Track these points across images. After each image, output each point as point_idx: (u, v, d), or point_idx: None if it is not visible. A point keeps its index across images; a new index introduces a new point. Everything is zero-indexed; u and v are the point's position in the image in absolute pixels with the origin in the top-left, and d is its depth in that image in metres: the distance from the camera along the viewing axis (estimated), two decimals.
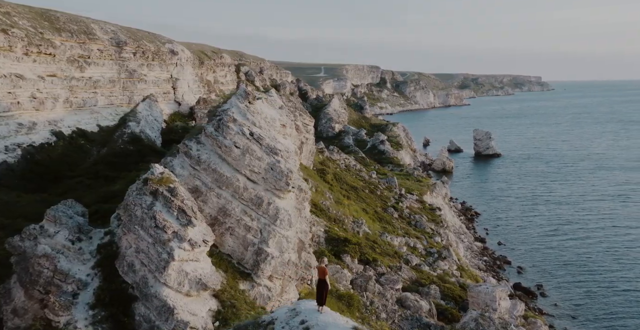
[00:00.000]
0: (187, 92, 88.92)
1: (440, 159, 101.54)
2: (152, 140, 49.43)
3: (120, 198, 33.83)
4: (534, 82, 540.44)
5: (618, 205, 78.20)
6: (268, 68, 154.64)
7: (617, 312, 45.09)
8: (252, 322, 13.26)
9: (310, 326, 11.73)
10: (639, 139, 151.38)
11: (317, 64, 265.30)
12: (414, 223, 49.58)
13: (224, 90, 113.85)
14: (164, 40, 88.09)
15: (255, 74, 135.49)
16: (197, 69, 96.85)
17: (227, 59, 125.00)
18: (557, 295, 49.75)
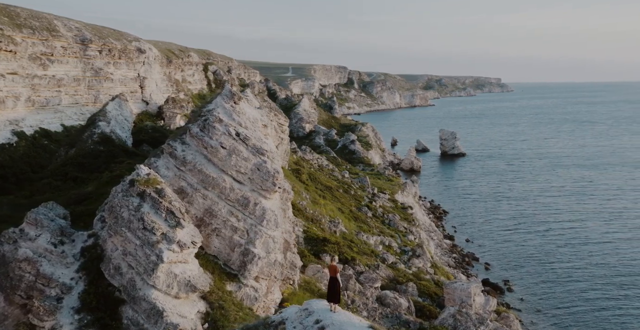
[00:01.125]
0: (155, 91, 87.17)
1: (409, 158, 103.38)
2: (123, 140, 48.29)
3: (93, 200, 33.01)
4: (495, 83, 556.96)
5: (574, 201, 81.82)
6: (236, 67, 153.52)
7: (578, 304, 47.21)
8: (261, 323, 13.21)
9: (325, 325, 11.64)
10: (592, 138, 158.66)
11: (285, 64, 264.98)
12: (388, 222, 50.41)
13: (192, 89, 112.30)
14: (131, 38, 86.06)
15: (224, 73, 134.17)
16: (165, 67, 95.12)
17: (195, 57, 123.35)
18: (522, 289, 51.60)
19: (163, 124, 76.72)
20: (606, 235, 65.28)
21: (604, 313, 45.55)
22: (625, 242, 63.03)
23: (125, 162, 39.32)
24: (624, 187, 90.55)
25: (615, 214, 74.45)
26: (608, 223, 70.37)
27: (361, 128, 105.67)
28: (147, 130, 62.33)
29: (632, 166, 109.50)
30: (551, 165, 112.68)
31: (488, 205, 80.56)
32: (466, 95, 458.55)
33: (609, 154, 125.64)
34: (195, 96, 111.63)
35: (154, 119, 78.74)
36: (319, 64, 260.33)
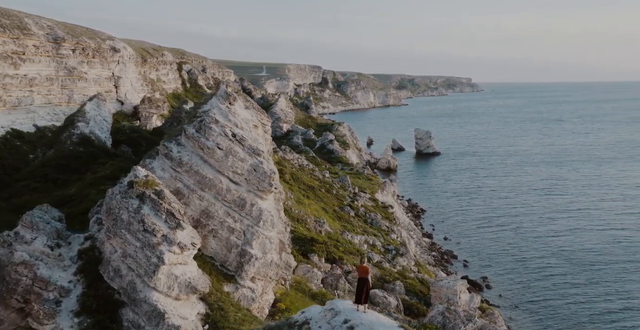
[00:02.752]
0: (131, 91, 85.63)
1: (385, 157, 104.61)
2: (102, 141, 47.43)
3: (78, 202, 32.42)
4: (465, 83, 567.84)
5: (543, 197, 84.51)
6: (210, 67, 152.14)
7: (552, 298, 48.84)
8: (284, 323, 13.29)
9: (355, 325, 11.66)
10: (560, 136, 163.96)
11: (259, 63, 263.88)
12: (370, 221, 51.05)
13: (167, 89, 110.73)
14: (105, 36, 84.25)
15: (198, 72, 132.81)
16: (140, 67, 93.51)
17: (169, 57, 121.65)
18: (500, 286, 53.02)
19: (139, 124, 75.55)
20: (574, 230, 67.73)
21: (575, 305, 47.36)
22: (592, 236, 65.55)
23: (109, 163, 38.71)
24: (590, 183, 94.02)
25: (582, 209, 77.25)
26: (576, 218, 73.00)
27: (338, 128, 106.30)
28: (124, 131, 61.31)
29: (597, 163, 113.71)
30: (521, 162, 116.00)
31: (463, 203, 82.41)
32: (438, 94, 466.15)
33: (576, 152, 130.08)
34: (170, 96, 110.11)
35: (130, 119, 77.45)
36: (293, 64, 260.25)
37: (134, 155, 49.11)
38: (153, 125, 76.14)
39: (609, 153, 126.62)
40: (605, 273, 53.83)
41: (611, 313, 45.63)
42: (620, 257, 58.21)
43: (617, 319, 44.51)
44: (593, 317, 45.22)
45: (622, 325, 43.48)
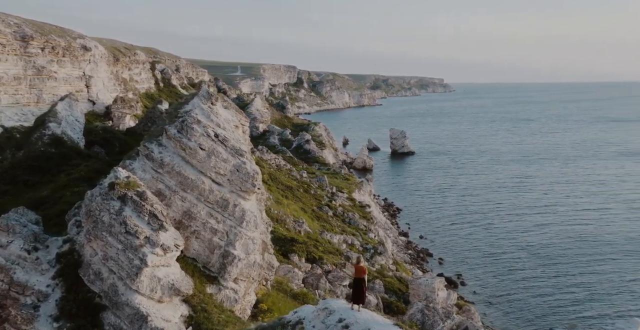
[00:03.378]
0: (102, 91, 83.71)
1: (361, 157, 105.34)
2: (75, 142, 46.27)
3: (51, 204, 31.60)
4: (438, 83, 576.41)
5: (513, 194, 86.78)
6: (184, 66, 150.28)
7: (524, 292, 50.20)
8: (277, 323, 13.23)
9: (350, 324, 11.65)
10: (528, 135, 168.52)
11: (233, 63, 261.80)
12: (348, 220, 51.37)
13: (139, 88, 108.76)
14: (75, 34, 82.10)
15: (172, 72, 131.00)
16: (112, 66, 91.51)
17: (142, 56, 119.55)
18: (474, 282, 54.14)
19: (112, 124, 74.10)
20: (542, 226, 69.88)
21: (543, 297, 48.89)
22: (559, 231, 67.73)
23: (83, 165, 37.84)
24: (556, 181, 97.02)
25: (549, 206, 79.68)
26: (543, 214, 75.27)
27: (314, 128, 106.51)
28: (97, 131, 60.01)
29: (563, 161, 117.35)
30: (491, 161, 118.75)
31: (437, 201, 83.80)
32: (411, 95, 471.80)
33: (543, 150, 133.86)
34: (143, 96, 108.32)
35: (102, 119, 75.84)
36: (268, 64, 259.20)
37: (108, 156, 48.19)
38: (126, 125, 74.77)
39: (574, 152, 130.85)
40: (571, 267, 55.77)
41: (576, 304, 47.34)
42: (585, 251, 60.41)
43: (581, 309, 46.27)
44: (560, 308, 46.75)
45: (587, 314, 45.20)
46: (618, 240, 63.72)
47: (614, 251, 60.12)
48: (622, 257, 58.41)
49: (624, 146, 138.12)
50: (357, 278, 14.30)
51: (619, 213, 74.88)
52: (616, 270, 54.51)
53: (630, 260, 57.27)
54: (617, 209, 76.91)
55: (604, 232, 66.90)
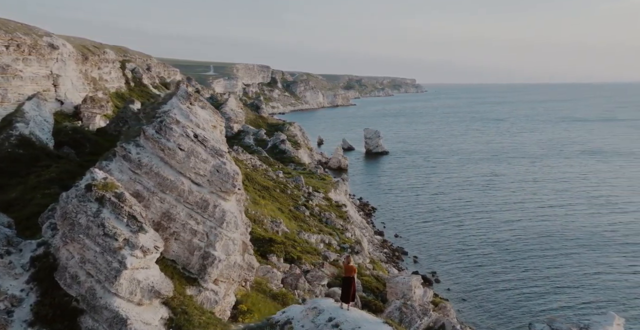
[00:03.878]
0: (71, 90, 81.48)
1: (336, 157, 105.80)
2: (44, 143, 44.90)
3: (21, 207, 30.65)
4: (410, 84, 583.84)
5: (482, 193, 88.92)
6: (155, 65, 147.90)
7: (495, 288, 51.59)
8: (265, 323, 13.14)
9: (339, 323, 11.60)
10: (497, 135, 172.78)
11: (206, 62, 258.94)
12: (325, 220, 51.54)
13: (109, 88, 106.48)
14: (41, 32, 79.61)
15: (143, 71, 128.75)
16: (81, 65, 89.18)
17: (111, 54, 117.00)
18: (448, 279, 55.20)
19: (81, 124, 72.35)
20: (511, 223, 71.91)
21: (514, 292, 50.34)
22: (528, 227, 69.77)
23: (53, 166, 36.77)
24: (524, 179, 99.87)
25: (517, 203, 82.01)
26: (513, 211, 77.44)
27: (289, 127, 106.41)
28: (67, 132, 58.43)
29: (530, 160, 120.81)
30: (462, 160, 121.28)
31: (411, 200, 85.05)
32: (384, 95, 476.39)
33: (511, 149, 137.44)
34: (113, 95, 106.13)
35: (71, 120, 73.91)
36: (242, 63, 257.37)
37: (78, 157, 47.06)
38: (96, 125, 73.09)
39: (541, 150, 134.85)
40: (538, 261, 57.61)
41: (544, 297, 49.02)
42: (551, 245, 62.50)
43: (549, 302, 48.05)
44: (529, 302, 48.26)
45: (552, 307, 46.96)
46: (582, 235, 66.15)
47: (578, 245, 62.38)
48: (586, 251, 60.65)
49: (586, 145, 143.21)
50: (347, 277, 14.40)
51: (583, 209, 77.69)
52: (581, 264, 56.59)
53: (593, 254, 59.52)
54: (581, 205, 79.78)
55: (568, 227, 69.31)
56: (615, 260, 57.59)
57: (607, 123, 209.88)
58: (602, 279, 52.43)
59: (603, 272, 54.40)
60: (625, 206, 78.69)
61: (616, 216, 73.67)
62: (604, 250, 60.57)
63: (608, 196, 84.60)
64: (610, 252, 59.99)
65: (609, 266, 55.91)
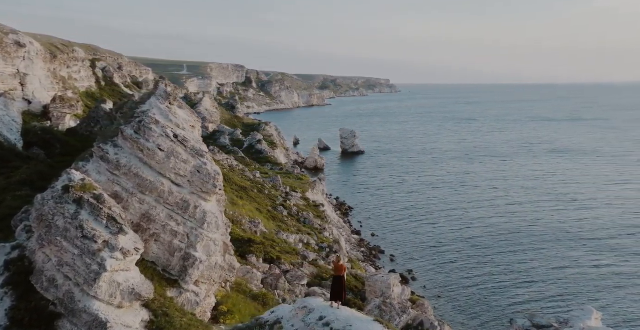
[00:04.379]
0: (39, 89, 79.22)
1: (312, 157, 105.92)
2: (12, 143, 43.65)
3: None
4: (384, 84, 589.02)
5: (456, 191, 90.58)
6: (127, 64, 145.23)
7: (470, 285, 52.61)
8: (254, 324, 13.02)
9: (330, 321, 11.63)
10: (469, 134, 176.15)
11: (179, 62, 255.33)
12: (303, 220, 51.57)
13: (79, 87, 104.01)
14: (7, 30, 77.13)
15: (114, 70, 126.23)
16: (50, 63, 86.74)
17: (81, 53, 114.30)
18: (423, 277, 55.96)
19: (50, 124, 70.46)
20: (483, 220, 73.43)
21: (487, 288, 51.41)
22: (499, 225, 71.38)
23: (24, 167, 35.72)
24: (496, 177, 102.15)
25: (489, 200, 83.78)
26: (485, 209, 79.10)
27: (265, 127, 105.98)
28: (36, 132, 56.86)
29: (501, 158, 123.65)
30: (436, 159, 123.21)
31: (387, 199, 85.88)
32: (359, 95, 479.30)
33: (483, 148, 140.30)
34: (83, 94, 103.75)
35: (40, 119, 71.93)
36: (216, 63, 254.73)
37: (48, 158, 45.89)
38: (66, 125, 71.30)
39: (511, 149, 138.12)
40: (510, 257, 59.07)
41: (516, 291, 50.26)
42: (522, 241, 64.18)
43: (520, 294, 49.28)
44: (502, 297, 49.39)
45: (526, 299, 48.18)
46: (550, 231, 68.17)
47: (546, 241, 64.28)
48: (554, 246, 62.52)
49: (553, 144, 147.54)
50: (337, 276, 14.46)
51: (550, 206, 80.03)
52: (549, 259, 58.32)
53: (560, 249, 61.41)
54: (549, 202, 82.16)
55: (537, 223, 71.28)
56: (581, 255, 59.57)
57: (573, 123, 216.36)
58: (570, 273, 54.18)
59: (570, 266, 56.23)
60: (590, 203, 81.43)
61: (582, 212, 76.17)
62: (570, 245, 62.55)
63: (574, 193, 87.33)
64: (577, 247, 61.99)
65: (575, 260, 57.82)
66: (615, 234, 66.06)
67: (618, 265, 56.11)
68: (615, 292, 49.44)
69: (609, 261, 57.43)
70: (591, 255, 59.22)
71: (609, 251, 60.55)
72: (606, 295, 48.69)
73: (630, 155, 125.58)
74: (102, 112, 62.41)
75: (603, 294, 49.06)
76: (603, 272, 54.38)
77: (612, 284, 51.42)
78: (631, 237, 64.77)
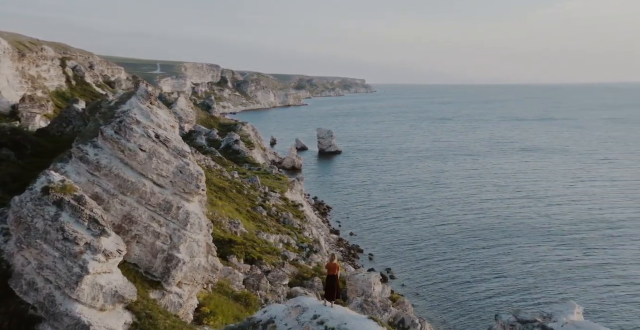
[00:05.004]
0: (7, 89, 76.88)
1: (290, 157, 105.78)
2: None
3: None
4: (360, 84, 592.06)
5: (430, 189, 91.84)
6: (98, 63, 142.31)
7: (447, 282, 53.47)
8: (247, 323, 12.92)
9: (325, 320, 11.56)
10: (444, 134, 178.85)
11: (153, 61, 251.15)
12: (283, 220, 51.49)
13: (49, 86, 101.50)
14: None
15: (85, 69, 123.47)
16: (18, 62, 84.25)
17: (50, 51, 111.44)
18: (402, 275, 56.55)
19: (19, 124, 68.56)
20: (457, 217, 74.64)
21: (462, 285, 52.30)
22: (473, 222, 72.71)
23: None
24: (469, 175, 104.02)
25: (463, 198, 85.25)
26: (458, 207, 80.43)
27: (242, 127, 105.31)
28: (5, 132, 55.12)
29: (474, 157, 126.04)
30: (411, 158, 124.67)
31: (364, 198, 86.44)
32: (335, 95, 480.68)
33: (457, 147, 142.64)
34: (54, 94, 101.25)
35: (8, 119, 69.89)
36: (190, 62, 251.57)
37: (19, 159, 44.63)
38: (37, 126, 69.45)
39: (484, 148, 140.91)
40: (483, 253, 60.23)
41: (490, 286, 51.34)
42: (495, 237, 65.59)
43: (493, 288, 50.34)
44: (477, 292, 50.35)
45: (499, 291, 49.30)
46: (521, 226, 69.92)
47: (518, 236, 65.90)
48: (525, 241, 64.17)
49: (523, 143, 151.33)
50: (331, 275, 14.54)
51: (522, 203, 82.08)
52: (521, 253, 59.83)
53: (531, 244, 63.09)
54: (520, 199, 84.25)
55: (509, 220, 73.01)
56: (549, 249, 61.40)
57: (542, 122, 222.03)
58: (539, 267, 55.76)
59: (539, 260, 57.91)
60: (558, 199, 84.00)
61: (550, 208, 78.45)
62: (539, 240, 64.38)
63: (544, 190, 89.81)
64: (545, 242, 63.81)
65: (545, 254, 59.60)
66: (582, 229, 68.35)
67: (584, 259, 58.15)
68: (580, 284, 51.27)
69: (575, 255, 59.40)
70: (559, 250, 61.09)
71: (576, 245, 62.60)
72: (573, 288, 50.42)
73: (596, 153, 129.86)
74: (74, 112, 60.89)
75: (570, 286, 50.79)
76: (571, 265, 56.22)
77: (578, 276, 53.25)
78: (596, 232, 67.14)
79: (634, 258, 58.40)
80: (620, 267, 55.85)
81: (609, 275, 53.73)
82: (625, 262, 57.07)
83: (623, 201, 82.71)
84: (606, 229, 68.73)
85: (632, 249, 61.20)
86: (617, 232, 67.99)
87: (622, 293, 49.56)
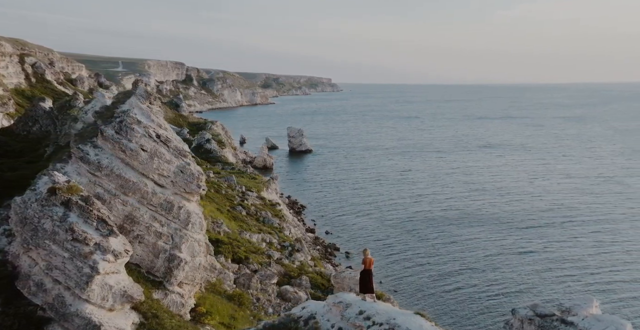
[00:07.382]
0: None
1: (261, 156, 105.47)
2: None
3: None
4: (326, 83, 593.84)
5: (398, 186, 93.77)
6: (58, 60, 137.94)
7: (422, 278, 54.89)
8: (287, 319, 12.97)
9: (371, 315, 11.77)
10: (409, 132, 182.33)
11: (114, 58, 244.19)
12: (262, 219, 51.62)
13: (8, 84, 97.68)
14: None
15: (45, 66, 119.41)
16: None
17: (7, 47, 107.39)
18: (379, 273, 57.69)
19: None
20: (424, 213, 76.61)
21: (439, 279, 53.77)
22: (440, 217, 74.73)
23: None
24: (435, 172, 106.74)
25: (430, 195, 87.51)
26: (426, 202, 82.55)
27: (212, 126, 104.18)
28: None
29: (439, 154, 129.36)
30: (378, 155, 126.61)
31: (336, 196, 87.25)
32: (302, 94, 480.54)
33: (423, 145, 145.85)
34: (13, 92, 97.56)
35: None
36: (154, 59, 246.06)
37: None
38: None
39: (448, 145, 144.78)
40: (452, 247, 62.17)
41: (460, 278, 53.02)
42: (461, 232, 67.75)
43: (462, 279, 51.98)
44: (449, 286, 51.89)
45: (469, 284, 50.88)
46: (486, 220, 72.60)
47: (482, 230, 68.36)
48: (489, 235, 66.58)
49: (485, 140, 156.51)
50: (366, 270, 14.89)
51: (485, 198, 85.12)
52: (486, 246, 62.09)
53: (495, 237, 65.60)
54: (484, 194, 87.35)
55: (474, 214, 75.61)
56: (512, 242, 64.24)
57: (503, 120, 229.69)
58: (503, 259, 58.10)
59: (502, 252, 60.39)
60: (520, 194, 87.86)
61: (512, 203, 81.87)
62: (502, 234, 67.10)
63: (506, 186, 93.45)
64: (508, 235, 66.60)
65: (508, 247, 62.24)
66: (543, 223, 71.67)
67: (545, 251, 61.04)
68: (542, 275, 53.87)
69: (537, 247, 62.28)
70: (522, 243, 63.89)
71: (537, 238, 65.60)
72: (534, 279, 52.96)
73: (553, 150, 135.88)
74: (41, 110, 59.04)
75: (532, 277, 53.33)
76: (533, 257, 58.92)
77: (541, 268, 55.89)
78: (556, 226, 70.55)
79: (591, 247, 62.00)
80: (578, 256, 59.16)
81: (568, 265, 56.73)
82: (582, 253, 60.44)
83: (579, 195, 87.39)
84: (565, 222, 72.45)
85: (588, 240, 64.95)
86: (573, 224, 71.85)
87: (579, 282, 52.56)
